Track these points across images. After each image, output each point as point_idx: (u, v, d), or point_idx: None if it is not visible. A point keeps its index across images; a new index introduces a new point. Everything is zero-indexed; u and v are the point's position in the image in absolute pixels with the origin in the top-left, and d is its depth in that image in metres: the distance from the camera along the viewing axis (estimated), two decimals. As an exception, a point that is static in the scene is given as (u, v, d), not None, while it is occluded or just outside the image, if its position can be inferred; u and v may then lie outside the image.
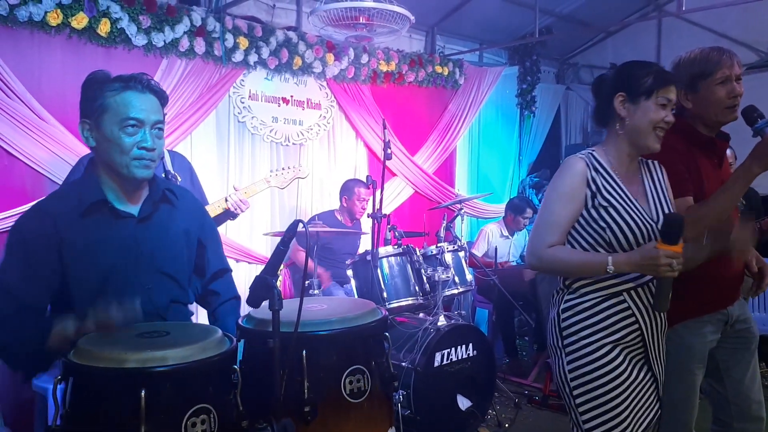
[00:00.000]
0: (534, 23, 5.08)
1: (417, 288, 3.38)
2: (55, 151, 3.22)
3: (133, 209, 1.71)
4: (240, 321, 1.61)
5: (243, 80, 4.02)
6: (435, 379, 3.13)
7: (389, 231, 3.54)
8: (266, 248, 4.16)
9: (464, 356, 3.28)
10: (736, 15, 5.25)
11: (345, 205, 4.21)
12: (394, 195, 4.99)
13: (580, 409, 1.71)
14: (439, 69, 5.15)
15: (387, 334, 1.55)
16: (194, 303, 1.93)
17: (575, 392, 1.72)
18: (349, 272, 3.45)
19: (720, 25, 5.41)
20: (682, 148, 2.04)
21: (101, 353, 1.24)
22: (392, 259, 3.33)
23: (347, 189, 4.23)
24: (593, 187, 1.73)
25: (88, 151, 3.20)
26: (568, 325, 1.74)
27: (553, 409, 3.88)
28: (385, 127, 3.38)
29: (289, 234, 1.38)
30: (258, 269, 3.65)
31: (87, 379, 1.24)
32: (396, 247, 3.37)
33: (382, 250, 3.28)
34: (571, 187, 1.73)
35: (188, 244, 1.79)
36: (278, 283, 1.80)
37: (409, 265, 3.38)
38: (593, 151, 1.80)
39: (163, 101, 1.70)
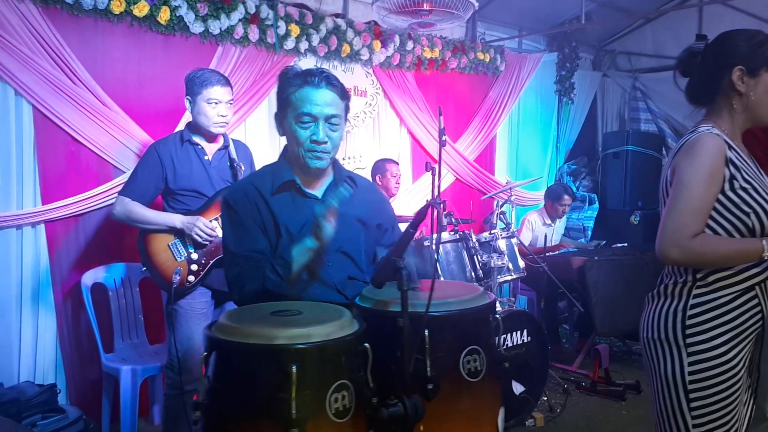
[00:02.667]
0: (573, 9, 5.06)
1: (473, 274, 3.41)
2: (118, 137, 3.27)
3: (317, 193, 1.86)
4: (355, 300, 1.66)
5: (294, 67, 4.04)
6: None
7: (444, 217, 3.55)
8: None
9: (519, 342, 3.31)
10: (782, 0, 5.17)
11: (380, 183, 4.24)
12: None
13: (694, 413, 1.58)
14: (480, 56, 5.14)
15: (498, 316, 1.58)
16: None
17: (692, 395, 1.59)
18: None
19: (765, 11, 5.33)
20: (761, 134, 2.05)
21: (250, 330, 1.28)
22: (448, 245, 3.35)
23: (379, 168, 4.26)
24: (732, 168, 1.58)
25: (147, 137, 3.29)
26: (699, 322, 1.59)
27: (602, 395, 3.91)
28: (440, 114, 3.40)
29: (420, 217, 1.41)
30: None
31: (236, 355, 1.28)
32: (452, 233, 3.40)
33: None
34: (714, 167, 1.56)
35: (365, 230, 1.91)
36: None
37: (464, 252, 3.41)
38: (713, 128, 1.63)
39: (341, 95, 1.80)
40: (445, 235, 3.38)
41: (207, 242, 2.72)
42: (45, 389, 3.03)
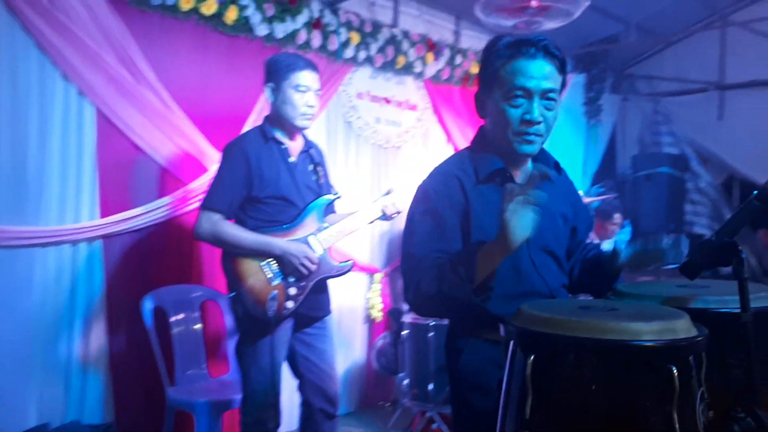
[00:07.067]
0: (600, 30, 4.98)
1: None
2: (182, 144, 2.98)
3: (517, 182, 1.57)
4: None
5: (351, 78, 3.82)
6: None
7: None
8: (369, 256, 3.94)
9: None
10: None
11: None
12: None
13: None
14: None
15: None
16: None
17: None
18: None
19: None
20: None
21: (605, 324, 0.98)
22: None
23: None
24: None
25: (210, 147, 3.00)
26: None
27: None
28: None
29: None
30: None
31: (582, 356, 0.99)
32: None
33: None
34: None
35: (564, 226, 1.64)
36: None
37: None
38: None
39: (560, 68, 1.50)
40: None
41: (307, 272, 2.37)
42: (100, 431, 2.65)
